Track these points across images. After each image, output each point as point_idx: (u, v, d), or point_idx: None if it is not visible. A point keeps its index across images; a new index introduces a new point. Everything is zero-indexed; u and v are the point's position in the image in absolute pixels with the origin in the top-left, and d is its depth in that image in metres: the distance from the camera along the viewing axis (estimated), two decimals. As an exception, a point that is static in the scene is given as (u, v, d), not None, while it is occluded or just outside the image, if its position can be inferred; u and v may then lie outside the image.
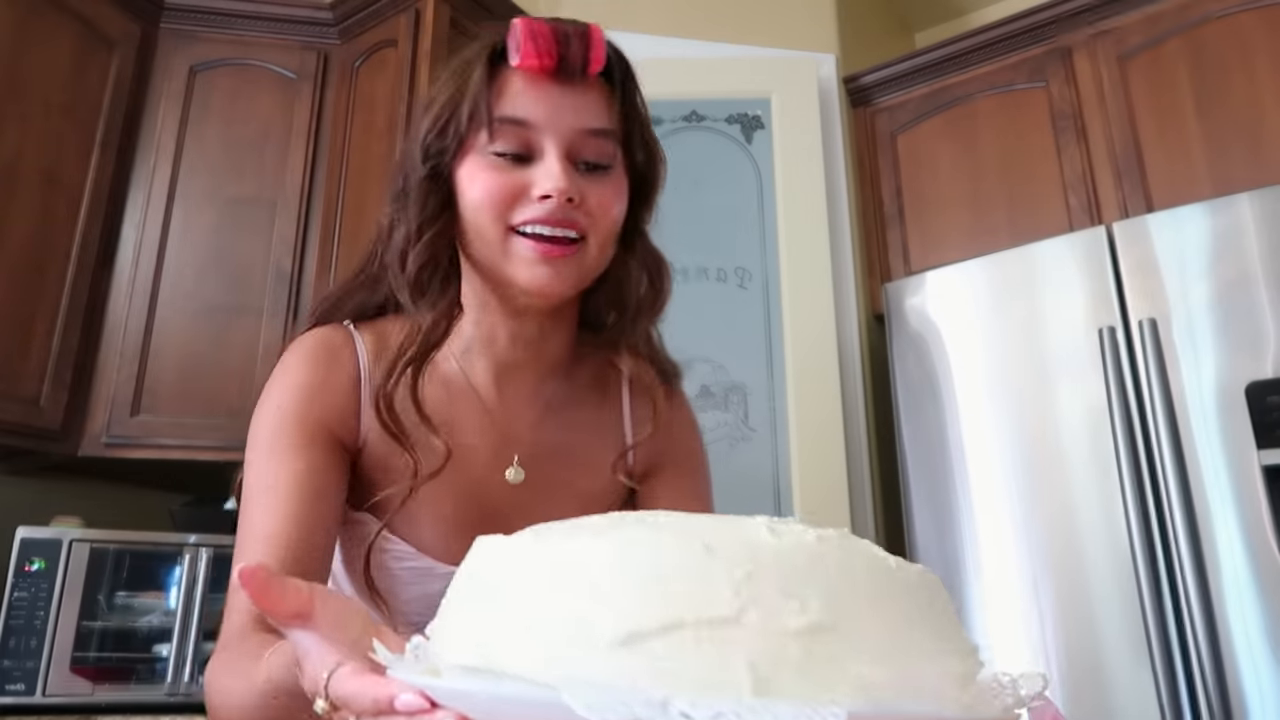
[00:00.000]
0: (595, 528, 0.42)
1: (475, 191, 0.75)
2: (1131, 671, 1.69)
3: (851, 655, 0.36)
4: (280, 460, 0.74)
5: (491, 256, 0.76)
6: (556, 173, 0.73)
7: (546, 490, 0.83)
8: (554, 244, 0.74)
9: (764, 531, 0.39)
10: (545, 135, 0.75)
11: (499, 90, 0.76)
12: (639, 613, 0.35)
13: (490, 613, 0.40)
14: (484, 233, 0.75)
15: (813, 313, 2.26)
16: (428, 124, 0.78)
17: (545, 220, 0.73)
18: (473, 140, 0.76)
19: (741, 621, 0.35)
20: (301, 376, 0.79)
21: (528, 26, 0.75)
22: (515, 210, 0.74)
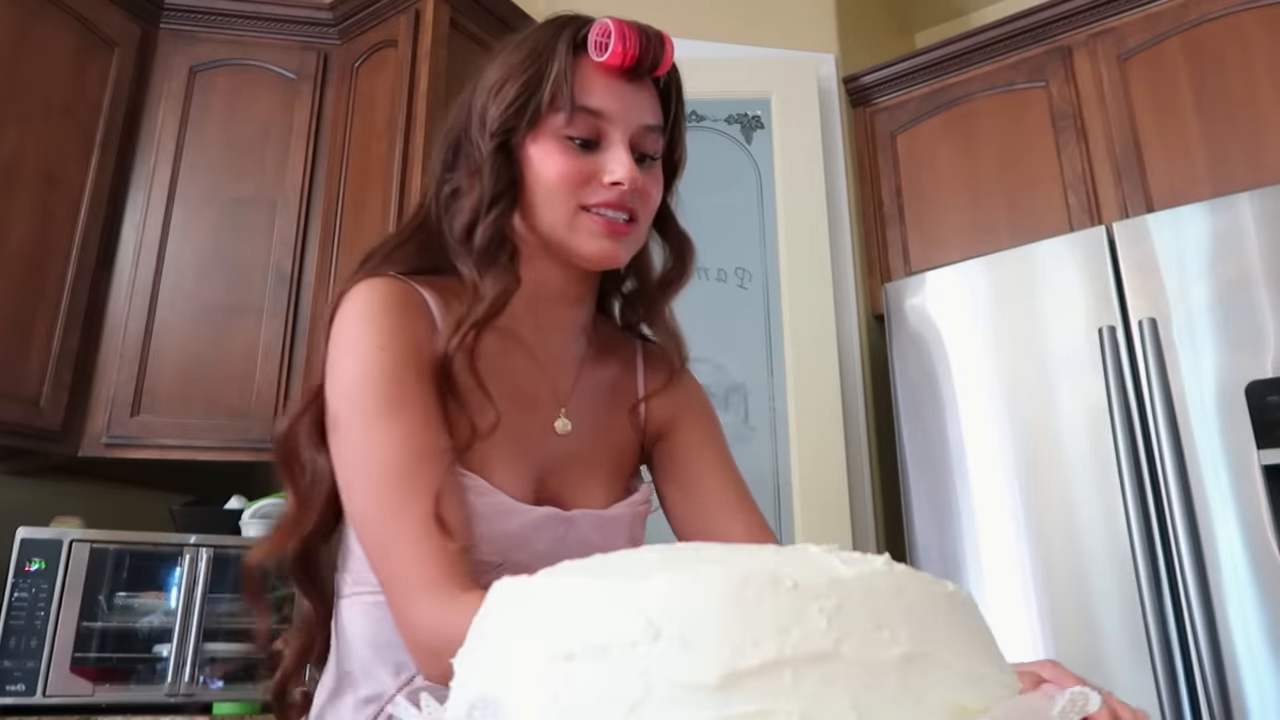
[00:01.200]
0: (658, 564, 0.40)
1: (550, 171, 0.82)
2: (1131, 671, 1.69)
3: (942, 684, 0.35)
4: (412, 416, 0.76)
5: (557, 229, 0.83)
6: (627, 163, 0.81)
7: (588, 442, 0.89)
8: (618, 222, 0.82)
9: (837, 563, 0.39)
10: (615, 126, 0.83)
11: (579, 79, 0.83)
12: (734, 653, 0.34)
13: (562, 660, 0.37)
14: (555, 208, 0.82)
15: (813, 313, 2.26)
16: (502, 101, 0.83)
17: (613, 204, 0.82)
18: (548, 121, 0.82)
19: (839, 655, 0.34)
20: (394, 322, 0.80)
21: (619, 28, 0.82)
22: (586, 192, 0.82)
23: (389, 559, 0.73)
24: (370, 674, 0.81)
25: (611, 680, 0.35)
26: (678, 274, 0.95)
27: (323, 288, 2.22)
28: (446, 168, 0.88)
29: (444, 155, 0.88)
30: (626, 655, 0.35)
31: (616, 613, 0.37)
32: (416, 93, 2.17)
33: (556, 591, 0.40)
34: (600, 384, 0.93)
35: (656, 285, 0.94)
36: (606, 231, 0.82)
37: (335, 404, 0.78)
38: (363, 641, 0.82)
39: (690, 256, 0.96)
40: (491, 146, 0.82)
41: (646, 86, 0.86)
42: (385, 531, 0.74)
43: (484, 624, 0.43)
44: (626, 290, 0.98)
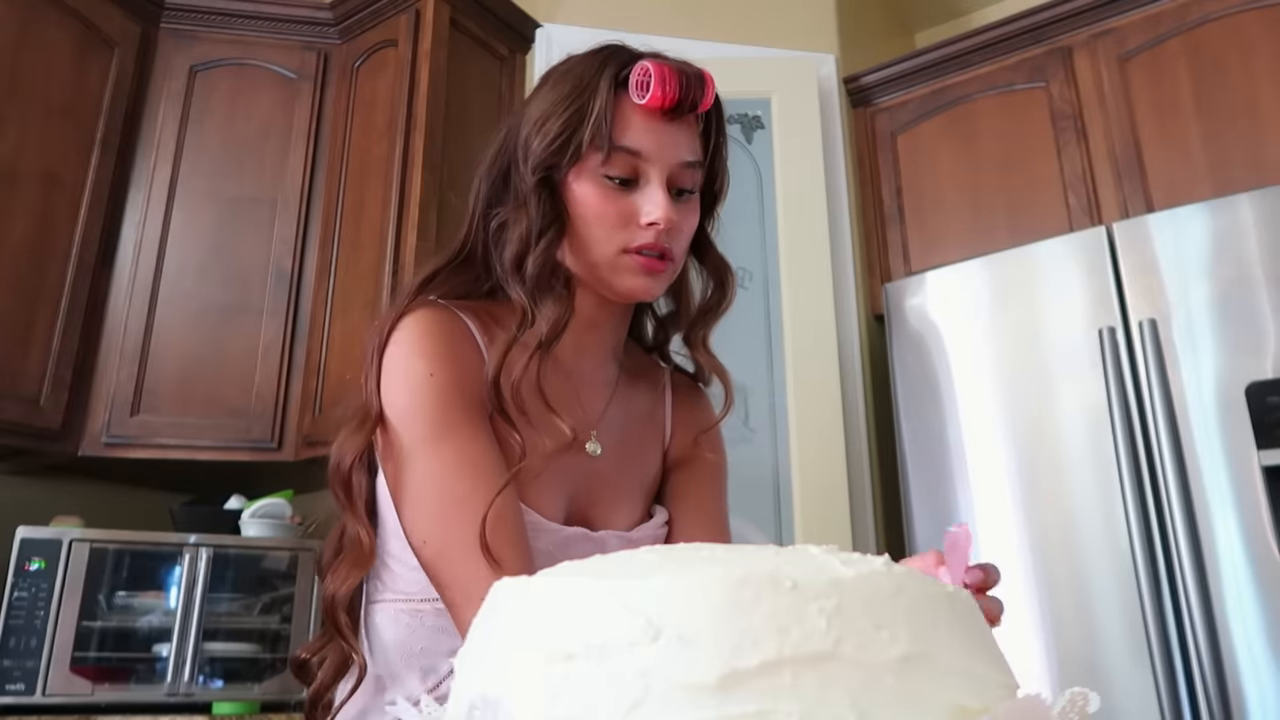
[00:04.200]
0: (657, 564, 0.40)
1: (589, 211, 0.85)
2: (1131, 671, 1.69)
3: (942, 684, 0.35)
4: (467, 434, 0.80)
5: (598, 265, 0.86)
6: (663, 203, 0.84)
7: (617, 464, 0.92)
8: (654, 260, 0.85)
9: (836, 563, 0.39)
10: (653, 166, 0.85)
11: (619, 119, 0.85)
12: (734, 653, 0.34)
13: (562, 661, 0.37)
14: (596, 246, 0.85)
15: (813, 313, 2.26)
16: (545, 136, 0.85)
17: (651, 246, 0.84)
18: (589, 160, 0.85)
19: (838, 655, 0.34)
20: (445, 350, 0.83)
21: (660, 71, 0.84)
22: (625, 232, 0.84)
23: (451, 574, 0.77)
24: (399, 679, 0.84)
25: (611, 680, 0.35)
26: (717, 300, 0.96)
27: (322, 287, 2.22)
28: (493, 197, 0.90)
29: (490, 184, 0.90)
30: (626, 655, 0.35)
31: (616, 613, 0.37)
32: (417, 93, 2.17)
33: (556, 591, 0.40)
34: (630, 408, 0.96)
35: (697, 313, 0.96)
36: (644, 270, 0.85)
37: (392, 430, 0.81)
38: (393, 647, 0.85)
39: (730, 282, 0.97)
40: (534, 181, 0.85)
41: (687, 122, 0.87)
42: (448, 550, 0.77)
43: (484, 624, 0.43)
44: (661, 314, 1.01)
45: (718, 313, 0.97)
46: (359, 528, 0.84)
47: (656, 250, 0.84)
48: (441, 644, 0.83)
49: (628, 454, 0.93)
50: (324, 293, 2.21)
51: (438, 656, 0.83)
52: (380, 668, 0.85)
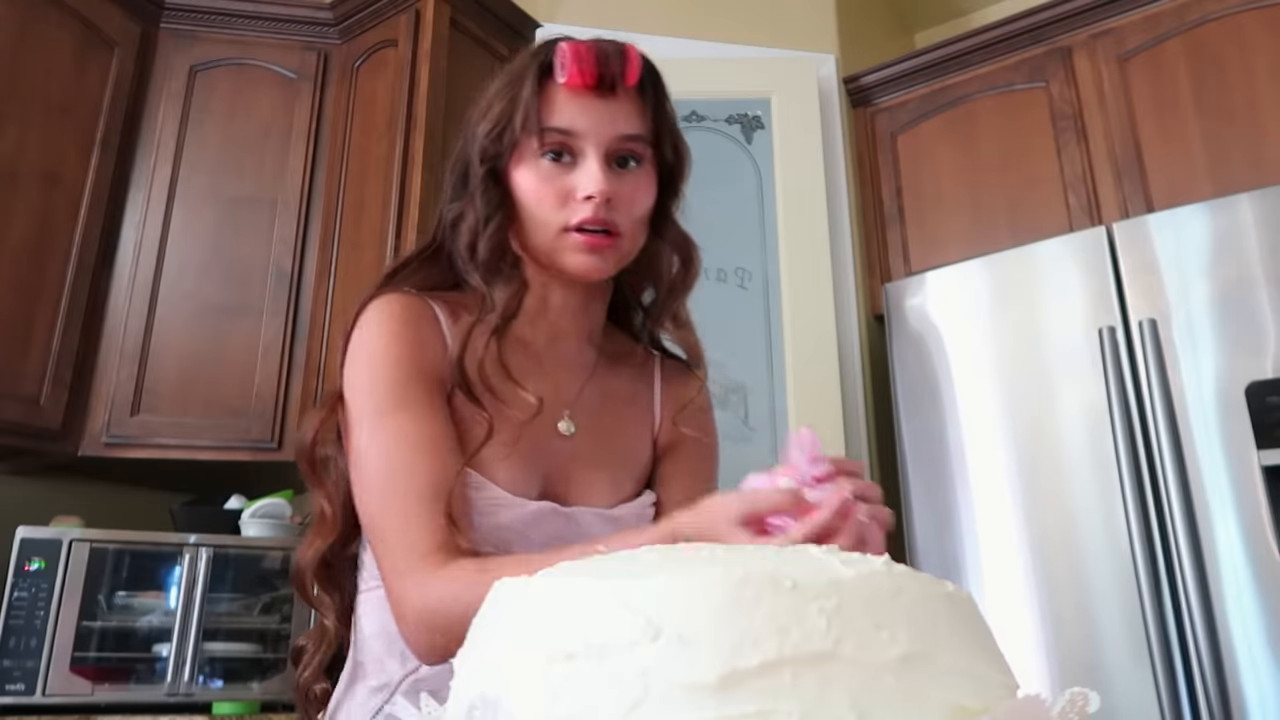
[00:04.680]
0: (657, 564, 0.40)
1: (530, 194, 0.87)
2: (1131, 671, 1.69)
3: (942, 684, 0.35)
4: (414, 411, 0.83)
5: (545, 246, 0.88)
6: (597, 176, 0.85)
7: (592, 444, 0.93)
8: (597, 236, 0.86)
9: (836, 563, 0.39)
10: (587, 142, 0.87)
11: (547, 103, 0.87)
12: (734, 653, 0.34)
13: (562, 661, 0.37)
14: (539, 228, 0.88)
15: (813, 313, 2.26)
16: (485, 130, 0.90)
17: (590, 221, 0.86)
18: (525, 146, 0.88)
19: (838, 655, 0.34)
20: (407, 330, 0.87)
21: (574, 50, 0.87)
22: (565, 211, 0.86)
23: (384, 546, 0.80)
24: (380, 664, 0.86)
25: (611, 680, 0.35)
26: (681, 276, 0.98)
27: (322, 287, 2.22)
28: (455, 192, 0.94)
29: (453, 181, 0.94)
30: (626, 655, 0.35)
31: (616, 613, 0.37)
32: (417, 93, 2.17)
33: (556, 591, 0.40)
34: (609, 391, 0.97)
35: (665, 290, 0.97)
36: (587, 247, 0.86)
37: (349, 405, 0.86)
38: (375, 633, 0.88)
39: (693, 258, 0.99)
40: (482, 172, 0.89)
41: (624, 97, 0.89)
42: (381, 519, 0.80)
43: (484, 624, 0.43)
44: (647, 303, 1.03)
45: (684, 289, 0.98)
46: (322, 500, 0.89)
47: (598, 225, 0.86)
48: None
49: (605, 435, 0.95)
50: (324, 293, 2.21)
51: None
52: (365, 655, 0.88)
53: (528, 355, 0.92)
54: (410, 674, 0.84)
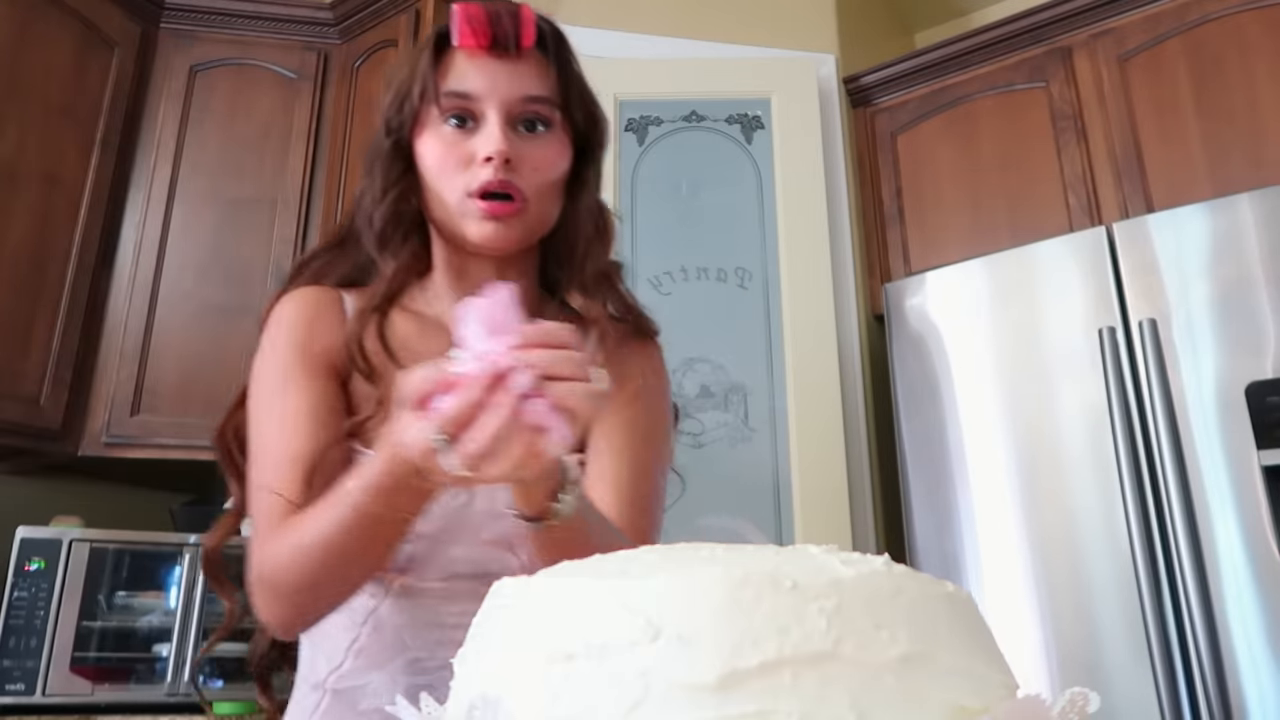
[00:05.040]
0: (657, 564, 0.40)
1: (432, 160, 0.85)
2: (1131, 671, 1.69)
3: (942, 684, 0.35)
4: (291, 391, 0.83)
5: (450, 217, 0.86)
6: (496, 137, 0.83)
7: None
8: (498, 202, 0.83)
9: (836, 563, 0.39)
10: (486, 104, 0.84)
11: (444, 69, 0.86)
12: (734, 653, 0.34)
13: (562, 661, 0.37)
14: (443, 197, 0.85)
15: (813, 313, 2.26)
16: (387, 102, 0.89)
17: (490, 185, 0.83)
18: (425, 114, 0.86)
19: (838, 655, 0.34)
20: (300, 319, 0.87)
21: (463, 11, 0.85)
22: (466, 176, 0.83)
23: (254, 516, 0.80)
24: (311, 661, 0.87)
25: (611, 680, 0.35)
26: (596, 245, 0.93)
27: (323, 287, 2.22)
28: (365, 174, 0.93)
29: (367, 165, 0.92)
30: (626, 655, 0.35)
31: (616, 613, 0.37)
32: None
33: (556, 591, 0.40)
34: None
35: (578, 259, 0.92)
36: (488, 214, 0.83)
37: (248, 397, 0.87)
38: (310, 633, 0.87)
39: (608, 226, 0.94)
40: (387, 145, 0.88)
41: (525, 58, 0.86)
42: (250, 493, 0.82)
43: (484, 624, 0.43)
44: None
45: (600, 256, 0.93)
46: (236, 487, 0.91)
47: (500, 190, 0.83)
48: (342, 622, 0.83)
49: None
50: (324, 293, 2.21)
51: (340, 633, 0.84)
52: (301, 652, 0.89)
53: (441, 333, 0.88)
54: (334, 670, 0.84)
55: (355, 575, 0.75)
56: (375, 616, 0.83)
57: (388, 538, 0.72)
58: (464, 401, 0.57)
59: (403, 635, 0.82)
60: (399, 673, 0.82)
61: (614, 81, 2.42)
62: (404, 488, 0.66)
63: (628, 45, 2.46)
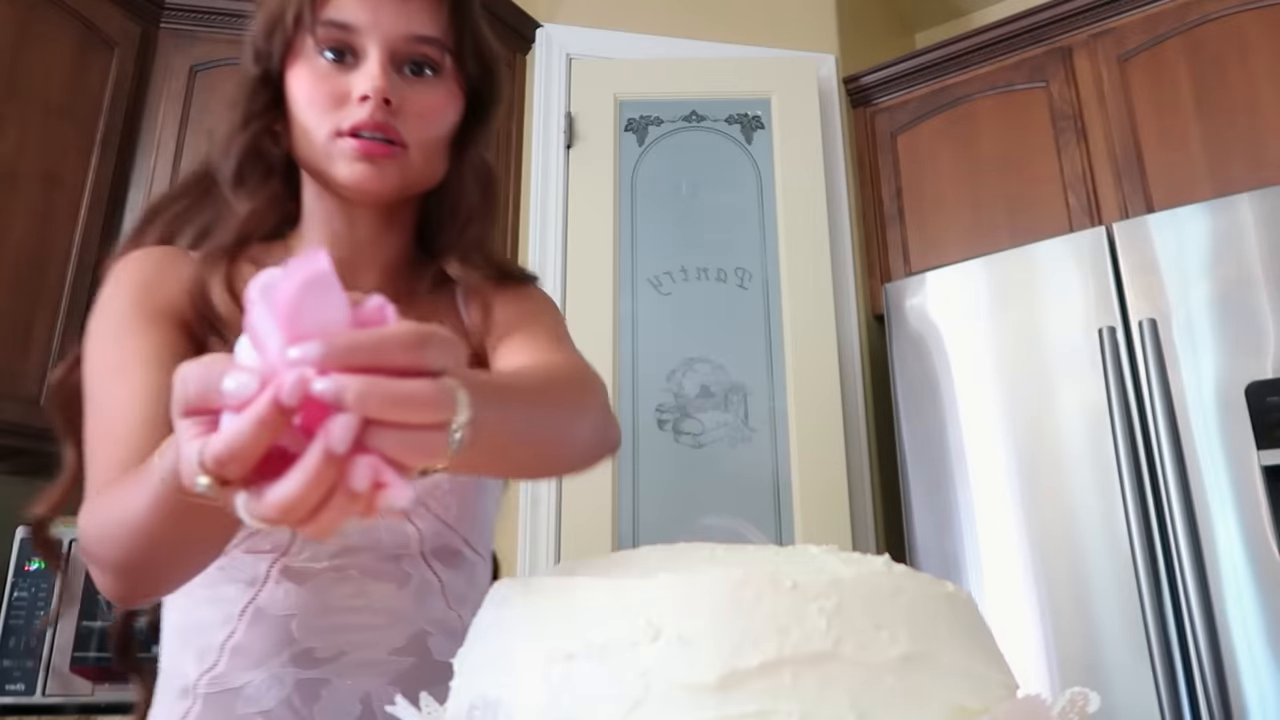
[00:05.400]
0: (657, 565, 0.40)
1: (301, 93, 0.77)
2: (1131, 671, 1.69)
3: (942, 684, 0.36)
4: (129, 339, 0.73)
5: (317, 157, 0.77)
6: (375, 74, 0.75)
7: None
8: (373, 143, 0.75)
9: (836, 563, 0.39)
10: (367, 39, 0.76)
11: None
12: (734, 653, 0.34)
13: (562, 661, 0.36)
14: (310, 134, 0.77)
15: (813, 313, 2.26)
16: (257, 27, 0.80)
17: (365, 124, 0.75)
18: (299, 44, 0.78)
19: (838, 655, 0.34)
20: (141, 274, 0.77)
21: None
22: (339, 114, 0.76)
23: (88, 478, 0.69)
24: (177, 664, 0.76)
25: (611, 680, 0.35)
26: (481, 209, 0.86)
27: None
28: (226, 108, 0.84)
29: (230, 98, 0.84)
30: (626, 655, 0.35)
31: (616, 613, 0.37)
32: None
33: (556, 591, 0.40)
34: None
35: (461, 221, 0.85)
36: (360, 154, 0.75)
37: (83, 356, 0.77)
38: (170, 629, 0.79)
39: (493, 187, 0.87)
40: (254, 73, 0.79)
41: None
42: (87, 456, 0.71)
43: (484, 624, 0.43)
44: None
45: (483, 221, 0.86)
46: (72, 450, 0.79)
47: (376, 131, 0.75)
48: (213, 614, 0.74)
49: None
50: (324, 293, 2.21)
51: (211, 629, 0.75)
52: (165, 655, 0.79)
53: None
54: (207, 671, 0.74)
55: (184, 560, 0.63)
56: (254, 607, 0.74)
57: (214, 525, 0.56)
58: (238, 440, 0.38)
59: (288, 626, 0.73)
60: (285, 668, 0.73)
61: (614, 81, 2.42)
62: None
63: (628, 45, 2.46)
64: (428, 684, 0.73)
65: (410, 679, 0.74)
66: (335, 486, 0.38)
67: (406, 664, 0.75)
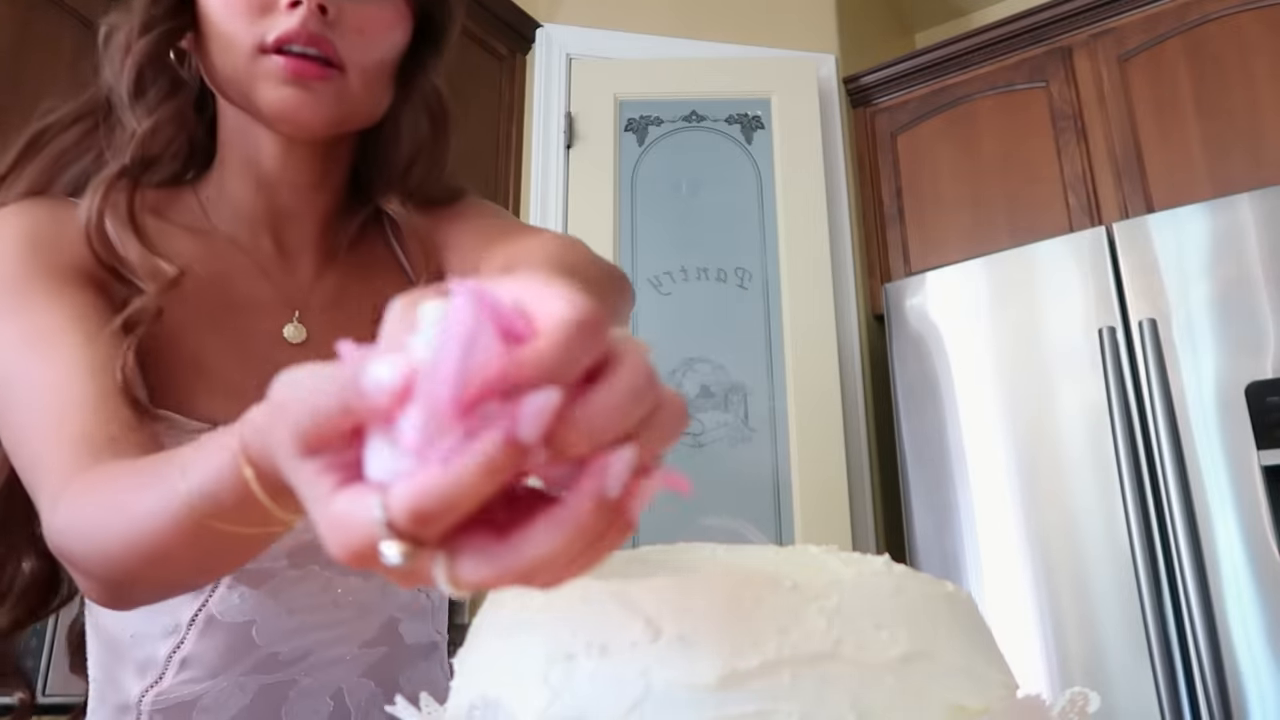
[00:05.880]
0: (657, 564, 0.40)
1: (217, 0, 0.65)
2: (1131, 671, 1.69)
3: (942, 684, 0.36)
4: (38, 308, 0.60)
5: (239, 79, 0.65)
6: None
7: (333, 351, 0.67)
8: (305, 61, 0.63)
9: (836, 563, 0.39)
10: None
11: None
12: (734, 653, 0.34)
13: (562, 661, 0.36)
14: (230, 48, 0.65)
15: (813, 313, 2.26)
16: None
17: (296, 34, 0.63)
18: None
19: (838, 655, 0.34)
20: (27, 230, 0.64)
21: None
22: (263, 22, 0.63)
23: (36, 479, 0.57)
24: (114, 679, 0.68)
25: (611, 680, 0.35)
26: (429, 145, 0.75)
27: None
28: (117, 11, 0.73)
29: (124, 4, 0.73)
30: (626, 655, 0.35)
31: (616, 613, 0.36)
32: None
33: (556, 591, 0.40)
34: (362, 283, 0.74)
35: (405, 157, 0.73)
36: (290, 75, 0.63)
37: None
38: (104, 639, 0.69)
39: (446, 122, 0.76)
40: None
41: None
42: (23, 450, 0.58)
43: (483, 624, 0.43)
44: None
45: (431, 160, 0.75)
46: None
47: (309, 46, 0.63)
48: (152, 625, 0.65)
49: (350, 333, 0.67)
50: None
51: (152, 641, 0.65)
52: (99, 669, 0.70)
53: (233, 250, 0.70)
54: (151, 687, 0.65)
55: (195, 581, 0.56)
56: (204, 614, 0.64)
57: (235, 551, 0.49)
58: (454, 486, 0.26)
59: (248, 633, 0.65)
60: (246, 676, 0.65)
61: (614, 81, 2.42)
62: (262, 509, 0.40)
63: (628, 45, 2.46)
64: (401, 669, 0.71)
65: (383, 668, 0.70)
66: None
67: (378, 654, 0.70)
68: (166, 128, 0.68)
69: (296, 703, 0.67)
